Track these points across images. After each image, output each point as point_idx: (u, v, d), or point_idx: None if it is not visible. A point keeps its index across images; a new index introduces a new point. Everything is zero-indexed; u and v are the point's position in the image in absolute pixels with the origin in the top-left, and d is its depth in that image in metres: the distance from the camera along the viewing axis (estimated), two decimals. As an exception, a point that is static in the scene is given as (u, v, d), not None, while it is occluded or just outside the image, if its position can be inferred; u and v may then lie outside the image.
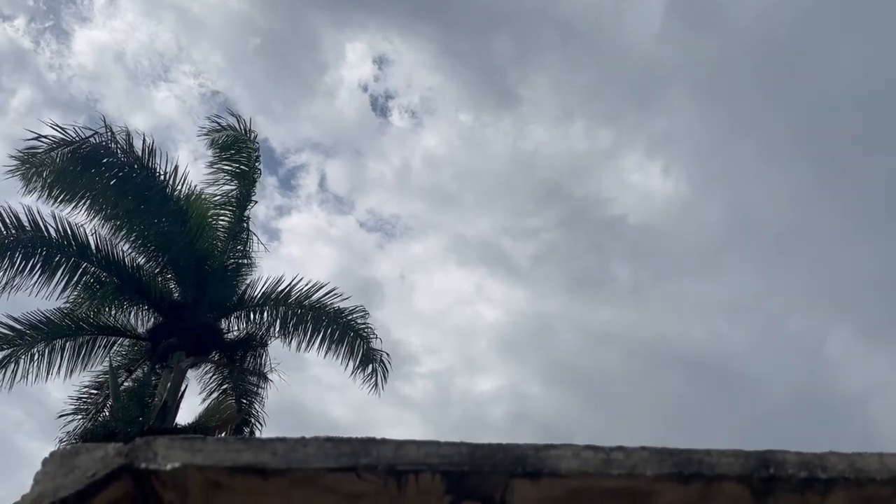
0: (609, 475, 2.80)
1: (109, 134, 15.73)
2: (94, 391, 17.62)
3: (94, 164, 15.61)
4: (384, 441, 2.98)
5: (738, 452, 2.80)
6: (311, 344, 18.35)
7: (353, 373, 18.52)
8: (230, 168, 17.91)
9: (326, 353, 18.41)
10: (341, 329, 18.37)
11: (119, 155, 15.92)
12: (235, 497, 2.92)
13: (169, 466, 2.66)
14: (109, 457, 2.72)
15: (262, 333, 18.69)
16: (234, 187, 17.93)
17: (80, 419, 17.18)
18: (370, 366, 18.68)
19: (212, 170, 17.93)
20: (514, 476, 2.90)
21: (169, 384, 15.80)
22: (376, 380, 18.66)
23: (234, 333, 18.70)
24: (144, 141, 16.24)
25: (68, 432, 16.44)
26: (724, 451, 2.80)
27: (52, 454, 2.82)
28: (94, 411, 17.17)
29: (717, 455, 2.78)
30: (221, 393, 18.52)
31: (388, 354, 19.05)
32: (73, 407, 17.43)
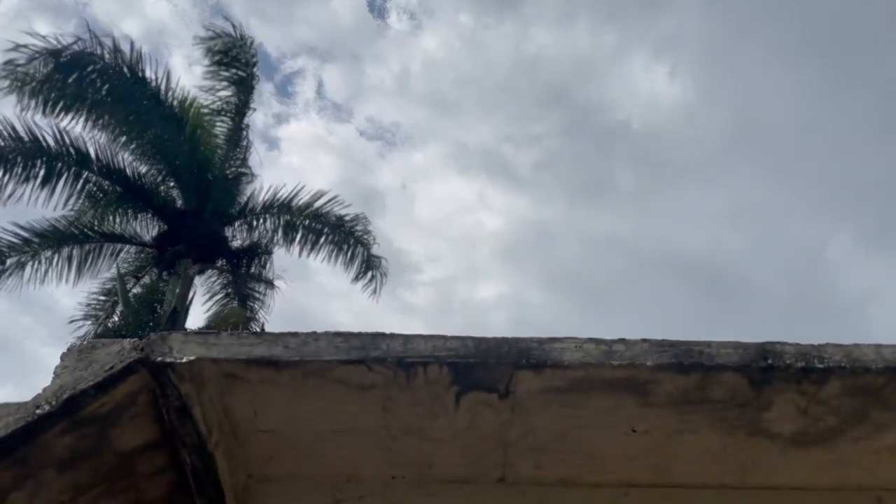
0: (610, 366, 2.89)
1: (94, 40, 15.36)
2: (103, 297, 17.92)
3: (78, 72, 15.25)
4: (392, 335, 3.06)
5: (738, 344, 2.88)
6: (312, 250, 18.55)
7: (354, 279, 18.79)
8: (227, 75, 17.56)
9: (328, 260, 18.64)
10: (342, 236, 18.51)
11: (105, 61, 15.57)
12: (250, 388, 3.03)
13: (184, 359, 2.75)
14: (126, 351, 2.80)
15: (267, 241, 18.86)
16: (231, 94, 17.65)
17: (89, 325, 17.57)
18: (370, 272, 18.93)
19: (208, 78, 17.62)
20: (518, 368, 2.99)
21: (177, 290, 16.06)
22: (376, 286, 18.97)
23: (239, 242, 18.87)
24: (133, 47, 15.89)
25: (78, 338, 16.84)
26: (724, 343, 2.87)
27: (69, 349, 2.91)
28: (103, 317, 17.53)
29: (717, 346, 2.85)
30: (227, 298, 18.84)
31: (387, 260, 19.30)
32: (82, 313, 17.80)
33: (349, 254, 18.81)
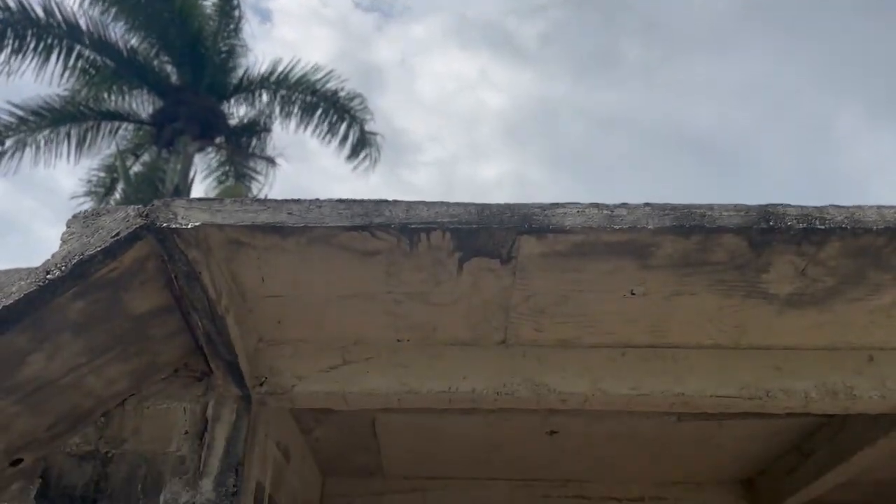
0: (612, 230, 2.91)
1: None
2: (103, 174, 17.86)
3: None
4: (395, 202, 3.07)
5: (740, 206, 2.88)
6: (308, 126, 18.28)
7: (349, 156, 18.63)
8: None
9: (323, 136, 18.40)
10: (338, 112, 18.20)
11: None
12: (256, 255, 3.07)
13: (189, 225, 2.77)
14: (131, 217, 2.82)
15: (265, 118, 18.56)
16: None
17: (91, 202, 17.60)
18: (365, 150, 18.76)
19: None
20: (520, 233, 3.01)
21: (178, 167, 16.00)
22: (371, 162, 18.84)
23: (237, 118, 18.58)
24: None
25: (82, 215, 16.84)
26: (726, 206, 2.87)
27: (75, 216, 2.93)
28: (104, 193, 17.53)
29: (719, 209, 2.86)
30: (226, 176, 18.78)
31: (383, 136, 19.08)
32: (83, 189, 17.81)
33: (344, 130, 18.56)
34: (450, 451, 5.54)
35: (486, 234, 3.01)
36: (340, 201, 3.04)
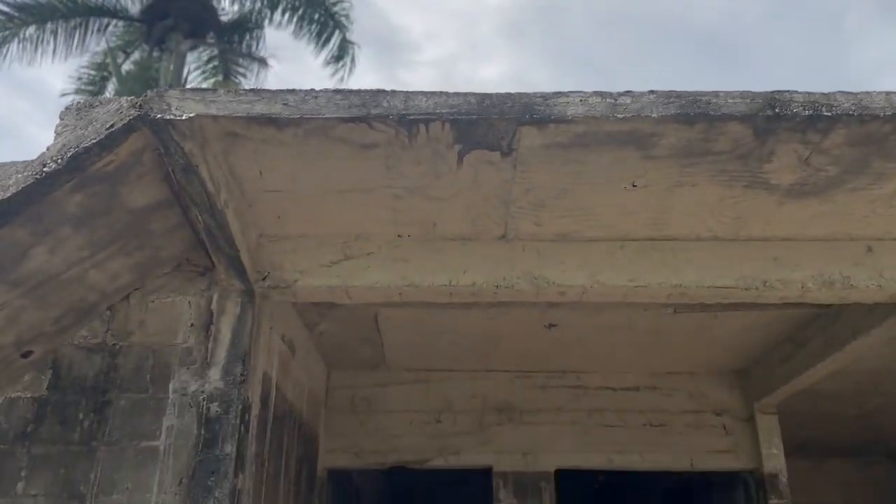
0: (615, 119, 2.85)
1: None
2: (93, 72, 17.43)
3: None
4: (393, 92, 2.99)
5: (745, 93, 2.82)
6: (290, 25, 17.74)
7: (326, 62, 18.19)
8: None
9: (305, 39, 17.88)
10: (322, 16, 17.62)
11: None
12: (253, 147, 3.03)
13: (184, 116, 2.71)
14: (124, 109, 2.76)
15: (256, 16, 17.95)
16: None
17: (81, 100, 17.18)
18: (343, 59, 18.31)
19: None
20: (521, 124, 2.95)
21: (171, 67, 15.62)
22: (345, 74, 18.46)
23: (228, 16, 17.99)
24: None
25: (75, 115, 16.53)
26: (731, 93, 2.81)
27: (68, 108, 2.87)
28: (94, 92, 17.14)
29: (724, 96, 2.79)
30: (217, 75, 18.34)
31: (359, 47, 18.62)
32: (73, 87, 17.42)
33: (325, 35, 17.98)
34: (451, 344, 5.67)
35: (486, 125, 2.96)
36: (337, 91, 2.97)
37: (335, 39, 18.02)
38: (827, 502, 9.13)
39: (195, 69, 18.21)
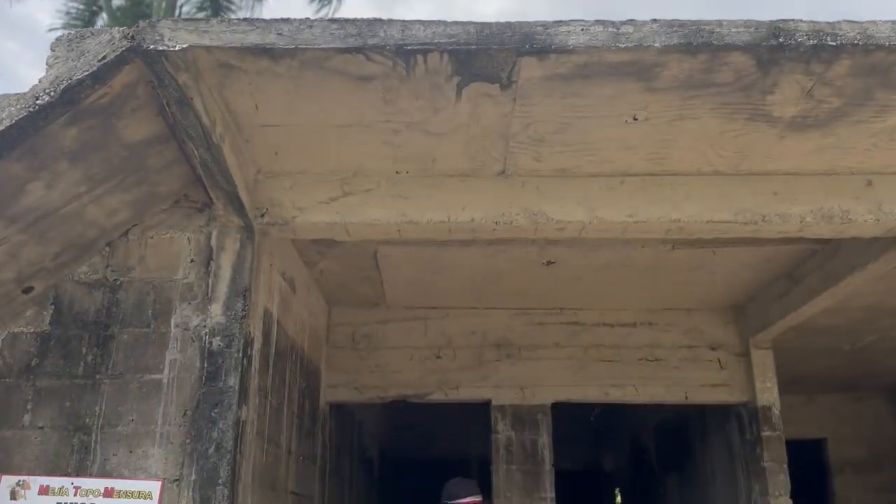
0: (616, 49, 2.80)
1: None
2: (81, 6, 17.00)
3: None
4: (390, 21, 2.93)
5: (750, 22, 2.76)
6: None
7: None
8: None
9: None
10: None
11: None
12: (248, 80, 2.98)
13: (177, 47, 2.66)
14: (116, 40, 2.71)
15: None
16: None
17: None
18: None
19: None
20: (521, 54, 2.89)
21: (164, 3, 15.25)
22: (329, 11, 18.02)
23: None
24: None
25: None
26: (735, 21, 2.75)
27: (58, 39, 2.82)
28: (82, 26, 16.77)
29: (728, 25, 2.74)
30: (208, 8, 17.91)
31: None
32: (61, 21, 17.01)
33: None
34: (450, 282, 5.70)
35: (485, 55, 2.90)
36: (333, 21, 2.91)
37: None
38: (818, 435, 9.35)
39: (187, 2, 17.79)
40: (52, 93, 2.62)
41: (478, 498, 3.50)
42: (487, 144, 3.58)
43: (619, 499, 11.38)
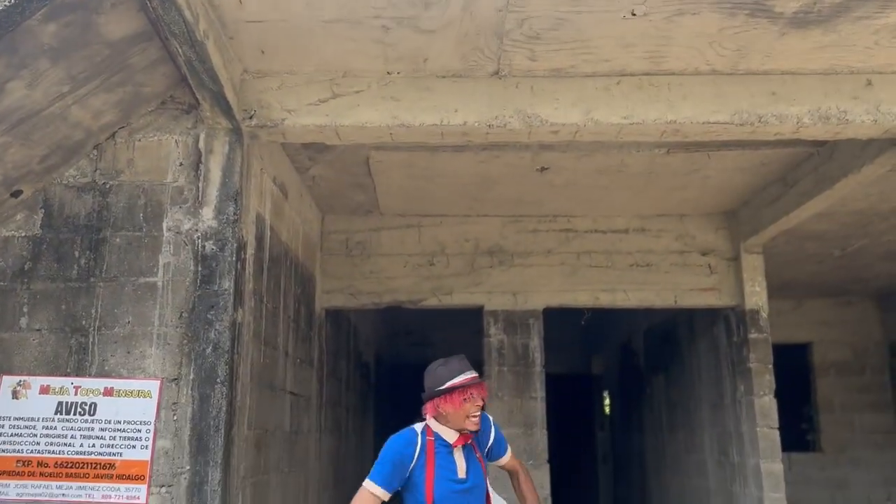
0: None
1: None
2: None
3: None
4: None
5: None
6: None
7: None
8: None
9: None
10: None
11: None
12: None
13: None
14: (90, -72, 2.57)
15: None
16: None
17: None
18: None
19: None
20: (516, -55, 2.79)
21: None
22: None
23: None
24: None
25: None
26: None
27: (29, -74, 2.68)
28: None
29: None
30: None
31: None
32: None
33: None
34: (443, 189, 5.67)
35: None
36: None
37: None
38: (804, 339, 9.57)
39: None
40: (26, -15, 2.51)
41: (474, 374, 2.69)
42: (481, 43, 3.48)
43: (607, 401, 11.75)
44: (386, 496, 2.59)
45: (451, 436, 2.68)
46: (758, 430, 5.82)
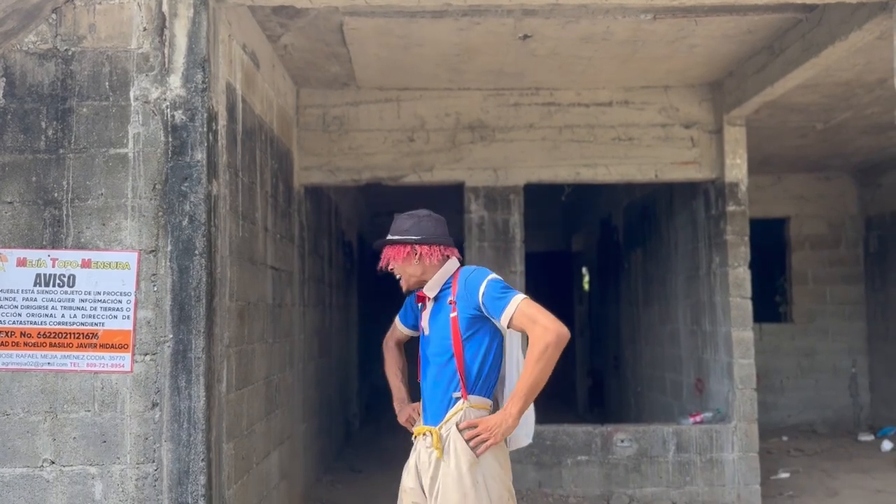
0: None
1: None
2: None
3: None
4: None
5: None
6: None
7: None
8: None
9: None
10: None
11: None
12: None
13: None
14: None
15: None
16: None
17: None
18: None
19: None
20: None
21: None
22: None
23: None
24: None
25: None
26: None
27: None
28: None
29: None
30: None
31: None
32: None
33: None
34: (422, 60, 5.50)
35: None
36: None
37: None
38: (782, 214, 9.69)
39: None
40: None
41: (389, 237, 2.70)
42: None
43: (586, 277, 11.99)
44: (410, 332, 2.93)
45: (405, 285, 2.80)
46: (731, 300, 5.98)
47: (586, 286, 12.15)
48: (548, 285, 11.25)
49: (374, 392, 10.93)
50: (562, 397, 10.92)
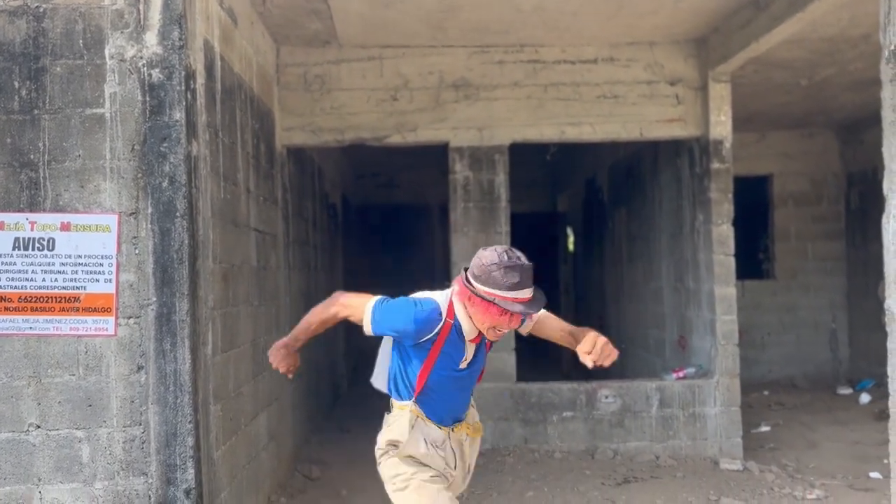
0: None
1: None
2: None
3: None
4: None
5: None
6: None
7: None
8: None
9: None
10: None
11: None
12: None
13: None
14: None
15: None
16: None
17: None
18: None
19: None
20: None
21: None
22: None
23: None
24: None
25: None
26: None
27: None
28: None
29: None
30: None
31: None
32: None
33: None
34: (404, 15, 5.39)
35: None
36: None
37: None
38: (765, 171, 9.72)
39: None
40: None
41: (530, 294, 2.51)
42: None
43: (571, 237, 12.01)
44: (369, 333, 2.59)
45: (470, 332, 2.57)
46: (714, 257, 6.01)
47: (571, 247, 12.18)
48: (534, 245, 11.27)
49: (361, 355, 10.97)
50: (548, 356, 11.03)
